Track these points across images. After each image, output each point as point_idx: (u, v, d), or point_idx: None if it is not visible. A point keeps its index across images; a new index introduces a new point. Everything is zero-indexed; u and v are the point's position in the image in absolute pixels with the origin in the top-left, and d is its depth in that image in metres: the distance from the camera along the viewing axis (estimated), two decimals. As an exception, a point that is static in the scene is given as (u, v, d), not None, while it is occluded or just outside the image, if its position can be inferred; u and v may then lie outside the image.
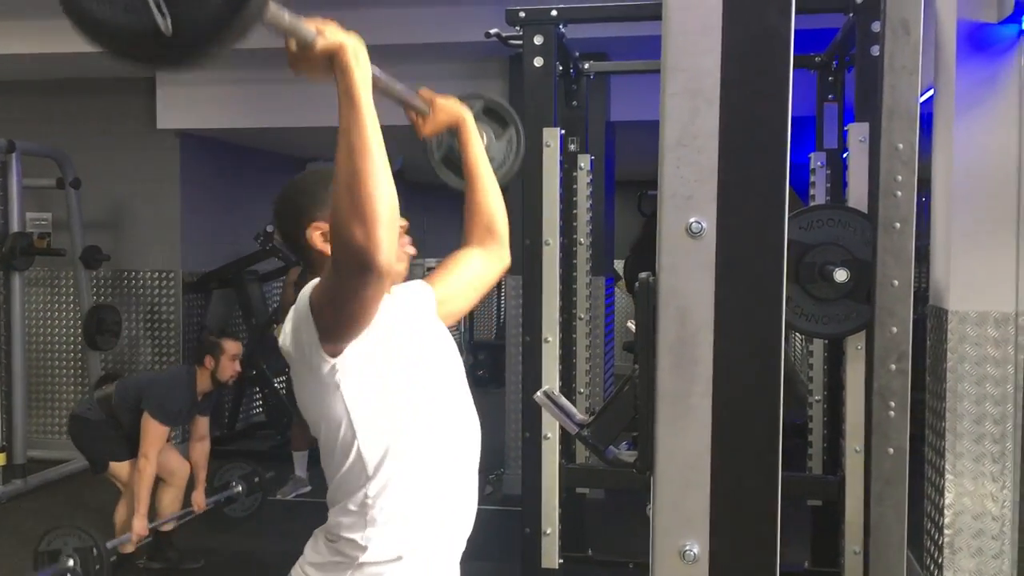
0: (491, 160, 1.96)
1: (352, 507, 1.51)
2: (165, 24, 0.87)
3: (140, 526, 4.10)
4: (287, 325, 1.52)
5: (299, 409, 1.60)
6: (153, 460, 4.12)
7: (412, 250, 1.69)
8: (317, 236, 1.60)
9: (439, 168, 2.06)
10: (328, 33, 1.29)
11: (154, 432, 4.12)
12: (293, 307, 1.51)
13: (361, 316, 1.42)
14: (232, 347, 4.38)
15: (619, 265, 7.56)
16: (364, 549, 1.50)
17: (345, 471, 1.51)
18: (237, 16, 0.91)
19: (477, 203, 1.87)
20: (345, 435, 1.50)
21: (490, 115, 2.10)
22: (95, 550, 3.88)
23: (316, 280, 1.50)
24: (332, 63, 1.30)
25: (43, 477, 5.98)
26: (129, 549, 4.14)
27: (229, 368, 4.35)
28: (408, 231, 1.69)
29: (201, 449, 4.53)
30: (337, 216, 1.31)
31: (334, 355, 1.46)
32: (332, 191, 1.33)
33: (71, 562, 3.85)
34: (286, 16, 1.14)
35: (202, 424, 4.51)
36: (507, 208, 1.97)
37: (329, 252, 1.59)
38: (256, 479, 5.05)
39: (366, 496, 1.50)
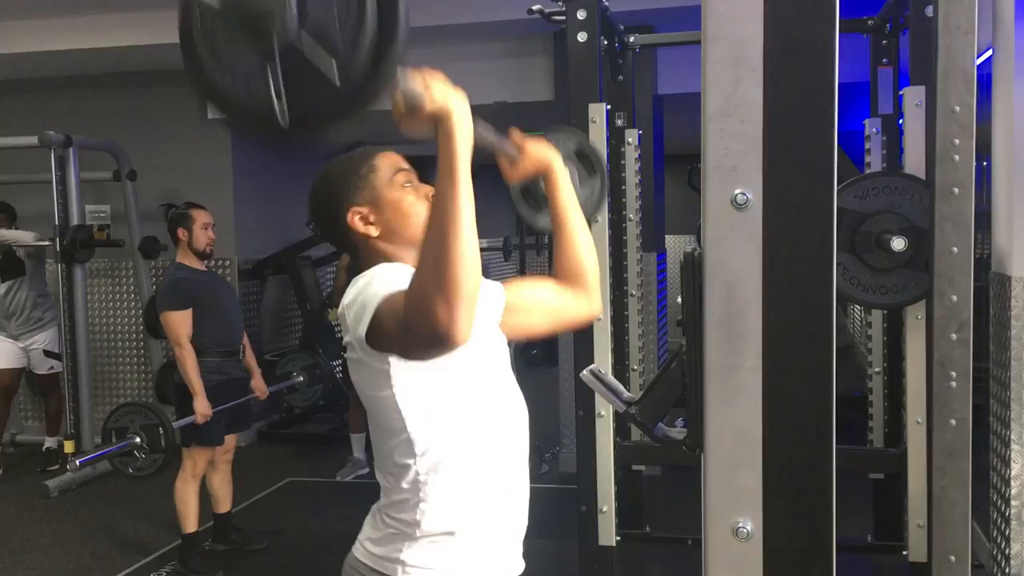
0: None
1: (404, 485, 1.52)
2: (281, 110, 0.86)
3: (202, 406, 4.13)
4: (347, 310, 1.51)
5: (355, 388, 1.60)
6: (187, 345, 4.16)
7: None
8: (357, 220, 1.59)
9: (517, 199, 1.98)
10: (436, 93, 1.24)
11: (175, 321, 4.17)
12: (356, 294, 1.48)
13: (421, 361, 1.42)
14: (201, 215, 4.38)
15: (670, 241, 7.48)
16: (418, 524, 1.52)
17: (395, 450, 1.52)
18: (355, 108, 0.89)
19: (564, 248, 1.79)
20: (394, 417, 1.51)
21: (581, 159, 2.04)
22: (161, 428, 3.95)
23: (391, 272, 1.47)
24: (436, 127, 1.27)
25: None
26: (200, 421, 4.15)
27: (203, 236, 4.34)
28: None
29: (248, 349, 4.60)
30: (419, 286, 1.27)
31: (379, 351, 1.46)
32: (418, 255, 1.30)
33: (138, 439, 3.92)
34: (399, 80, 1.10)
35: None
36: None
37: (372, 235, 1.58)
38: (317, 370, 5.05)
39: (417, 474, 1.51)
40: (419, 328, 1.27)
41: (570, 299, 1.80)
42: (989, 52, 3.06)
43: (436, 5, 5.38)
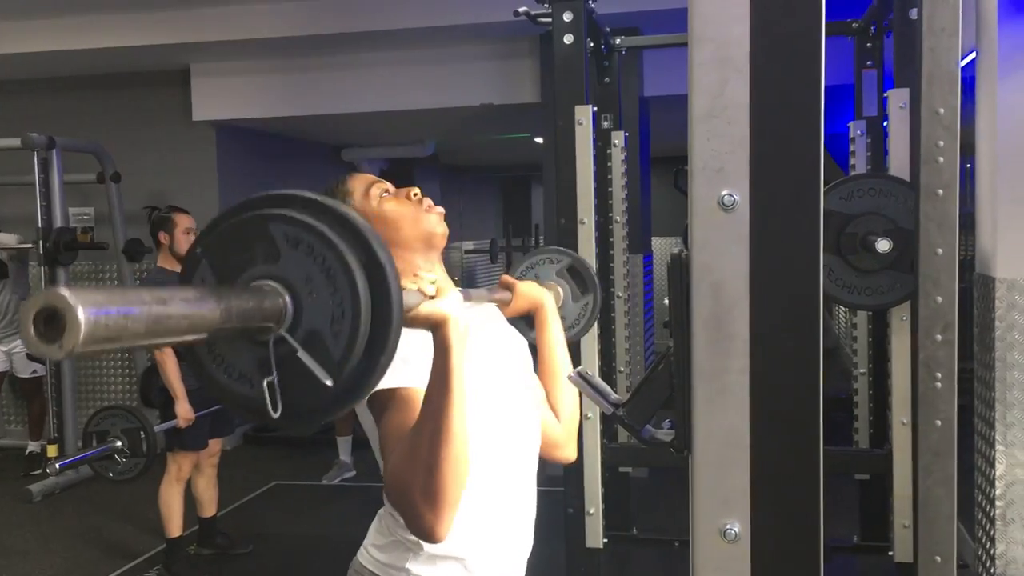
0: (561, 319, 1.92)
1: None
2: (274, 404, 0.91)
3: (183, 409, 4.10)
4: None
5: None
6: (167, 350, 4.08)
7: (440, 209, 1.64)
8: None
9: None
10: (426, 309, 1.23)
11: None
12: None
13: None
14: (183, 219, 4.36)
15: (656, 243, 7.50)
16: (421, 544, 1.51)
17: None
18: (346, 405, 0.95)
19: (551, 382, 1.80)
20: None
21: (574, 276, 2.09)
22: (142, 432, 3.91)
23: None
24: (432, 333, 1.26)
25: (95, 467, 6.11)
26: (182, 425, 4.12)
27: (184, 241, 4.31)
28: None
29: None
30: (404, 487, 1.27)
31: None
32: (406, 455, 1.28)
33: (119, 443, 3.89)
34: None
35: None
36: (542, 187, 1.93)
37: None
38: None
39: None
40: (402, 515, 1.31)
41: (551, 434, 1.78)
42: (973, 54, 3.08)
43: (423, 7, 5.37)
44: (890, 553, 2.99)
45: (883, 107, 3.21)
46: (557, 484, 3.08)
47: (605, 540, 3.08)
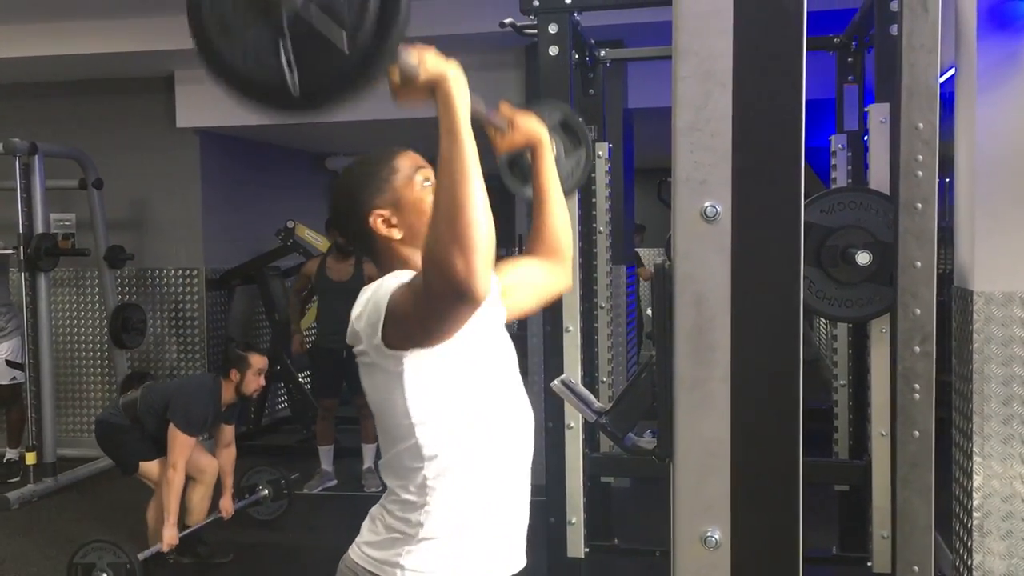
0: None
1: (412, 488, 1.52)
2: (292, 82, 0.89)
3: (170, 536, 4.13)
4: (357, 321, 1.51)
5: (364, 392, 1.59)
6: (181, 471, 4.16)
7: None
8: (380, 223, 1.58)
9: (503, 170, 2.04)
10: (429, 63, 1.28)
11: (181, 442, 4.16)
12: (366, 301, 1.50)
13: (443, 335, 1.41)
14: (258, 361, 4.38)
15: (640, 254, 7.52)
16: (421, 525, 1.52)
17: (403, 453, 1.52)
18: (365, 77, 0.93)
19: (544, 222, 1.84)
20: (404, 423, 1.50)
21: (566, 130, 2.08)
22: (128, 565, 3.94)
23: (397, 275, 1.49)
24: (434, 93, 1.29)
25: (73, 475, 6.05)
26: (165, 550, 4.16)
27: (254, 382, 4.36)
28: None
29: (228, 455, 4.58)
30: (435, 244, 1.29)
31: (397, 349, 1.46)
32: (431, 216, 1.32)
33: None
34: (399, 54, 1.13)
35: (228, 432, 4.54)
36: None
37: (396, 238, 1.58)
38: (282, 482, 5.08)
39: (425, 479, 1.51)
40: (438, 287, 1.29)
41: (547, 273, 1.84)
42: (952, 71, 3.12)
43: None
44: (869, 564, 3.01)
45: (864, 121, 3.24)
46: (539, 494, 3.08)
47: (587, 550, 3.08)
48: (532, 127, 1.80)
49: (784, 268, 0.97)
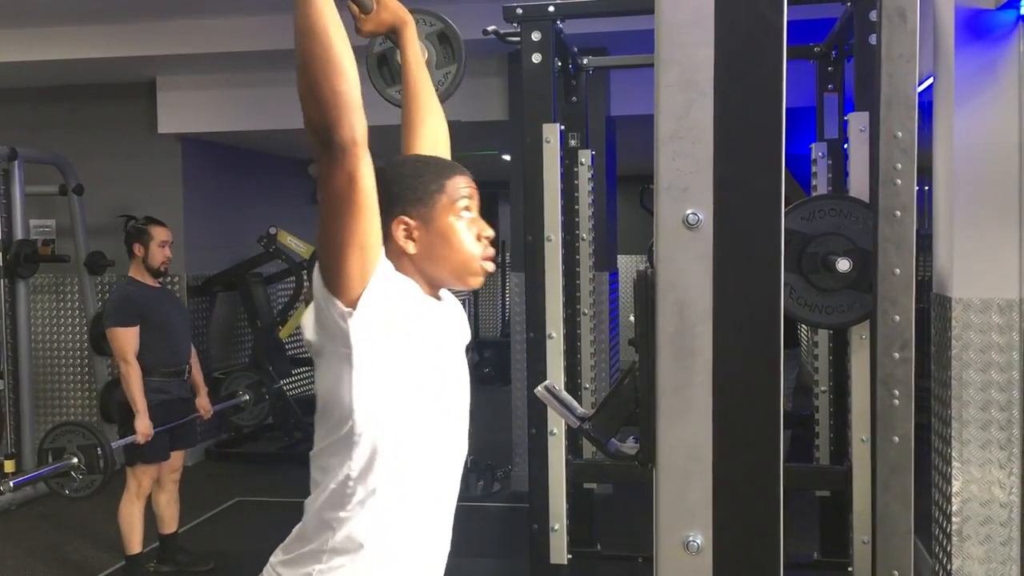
0: None
1: (333, 485, 1.47)
2: None
3: (143, 424, 4.06)
4: (307, 315, 1.48)
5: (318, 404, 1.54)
6: (133, 362, 4.10)
7: (491, 267, 1.58)
8: (400, 231, 1.50)
9: (372, 70, 2.05)
10: None
11: (122, 337, 4.11)
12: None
13: (356, 228, 1.34)
14: (160, 232, 4.33)
15: (622, 261, 7.55)
16: (334, 532, 1.48)
17: (334, 453, 1.47)
18: None
19: (416, 97, 1.80)
20: (345, 423, 1.44)
21: (443, 41, 2.09)
22: (99, 448, 3.85)
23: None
24: None
25: (52, 483, 6.00)
26: (140, 441, 4.07)
27: (159, 254, 4.29)
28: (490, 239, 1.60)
29: (196, 367, 4.54)
30: (303, 77, 1.29)
31: (350, 305, 1.38)
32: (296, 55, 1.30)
33: (75, 459, 3.81)
34: None
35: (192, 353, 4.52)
36: (509, 205, 1.95)
37: (409, 251, 1.51)
38: (263, 389, 4.99)
39: (348, 478, 1.46)
40: (313, 140, 1.29)
41: (438, 125, 1.83)
42: (930, 80, 3.15)
43: (391, 24, 5.39)
44: (849, 569, 3.03)
45: (844, 130, 3.28)
46: (522, 500, 3.09)
47: (569, 556, 3.08)
48: (398, 8, 1.78)
49: (765, 275, 0.99)
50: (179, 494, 4.48)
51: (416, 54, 1.82)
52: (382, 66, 2.05)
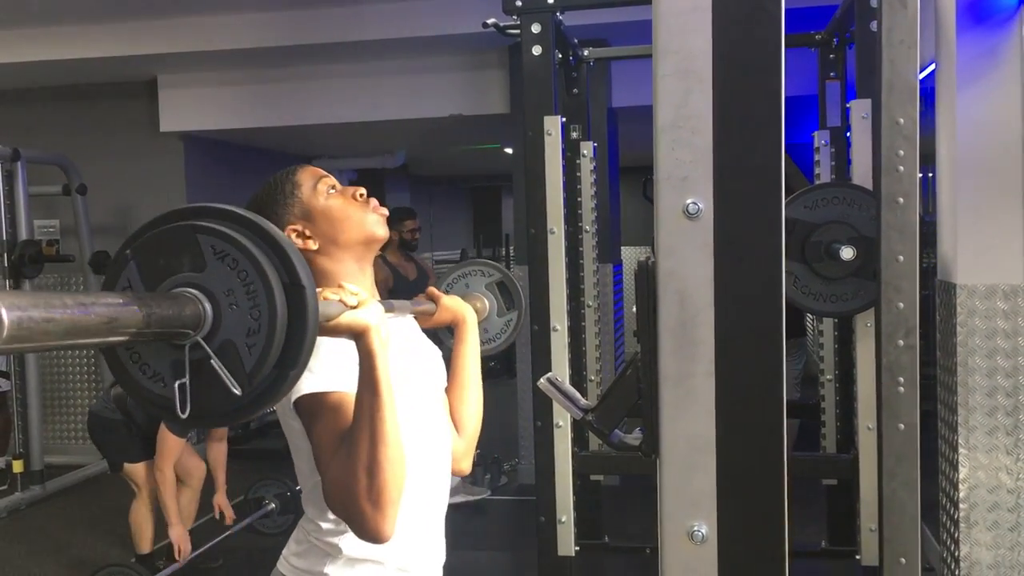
0: (483, 332, 1.99)
1: (330, 516, 1.51)
2: (183, 404, 0.98)
3: (177, 535, 4.11)
4: None
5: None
6: (169, 473, 4.13)
7: (384, 210, 1.64)
8: (295, 238, 1.57)
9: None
10: (350, 316, 1.24)
11: (170, 443, 4.13)
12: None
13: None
14: None
15: (626, 252, 7.55)
16: (340, 550, 1.52)
17: (319, 485, 1.47)
18: (253, 412, 1.01)
19: (452, 403, 1.81)
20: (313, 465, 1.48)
21: (502, 291, 2.15)
22: None
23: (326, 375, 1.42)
24: (356, 341, 1.28)
25: (61, 482, 6.02)
26: (178, 556, 4.11)
27: None
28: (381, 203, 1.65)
29: (218, 450, 4.55)
30: (347, 492, 1.29)
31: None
32: (346, 461, 1.30)
33: None
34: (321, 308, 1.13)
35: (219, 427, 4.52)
36: (512, 197, 1.96)
37: (312, 249, 1.57)
38: (289, 494, 5.05)
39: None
40: (348, 520, 1.32)
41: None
42: (932, 66, 3.14)
43: (392, 19, 5.38)
44: (857, 557, 3.03)
45: (846, 117, 3.26)
46: (529, 493, 3.09)
47: (577, 548, 3.09)
48: (457, 307, 1.84)
49: (766, 263, 0.98)
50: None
51: (468, 347, 1.84)
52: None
